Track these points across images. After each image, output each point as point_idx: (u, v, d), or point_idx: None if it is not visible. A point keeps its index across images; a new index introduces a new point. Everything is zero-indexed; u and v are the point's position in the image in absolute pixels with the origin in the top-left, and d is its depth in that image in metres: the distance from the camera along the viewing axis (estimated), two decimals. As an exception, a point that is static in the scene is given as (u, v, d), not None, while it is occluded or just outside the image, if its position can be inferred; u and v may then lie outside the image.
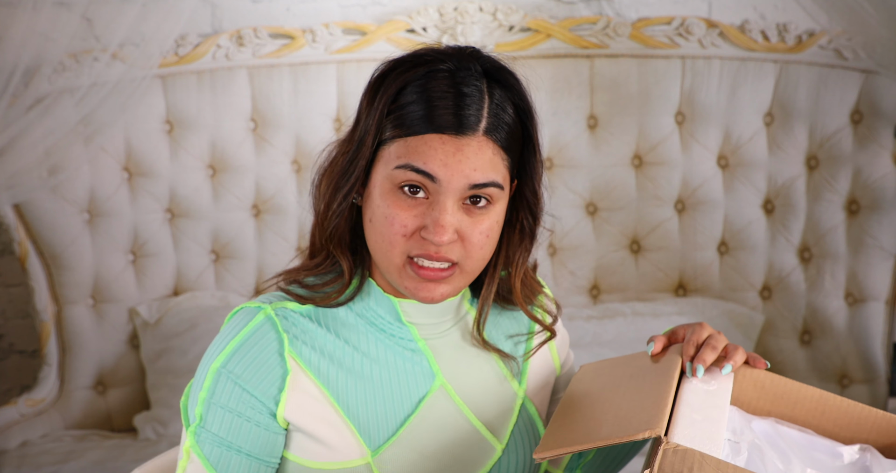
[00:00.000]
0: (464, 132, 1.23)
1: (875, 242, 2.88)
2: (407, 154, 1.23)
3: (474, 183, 1.23)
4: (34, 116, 2.73)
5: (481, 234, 1.26)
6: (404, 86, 1.25)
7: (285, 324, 1.28)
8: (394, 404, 1.30)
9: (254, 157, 3.04)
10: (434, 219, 1.23)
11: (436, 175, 1.22)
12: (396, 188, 1.24)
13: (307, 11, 3.05)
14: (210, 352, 1.29)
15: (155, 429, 2.83)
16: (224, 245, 3.07)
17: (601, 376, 1.40)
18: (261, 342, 1.27)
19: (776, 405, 1.38)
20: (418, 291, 1.26)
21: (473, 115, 1.24)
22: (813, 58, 2.89)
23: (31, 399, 2.88)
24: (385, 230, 1.25)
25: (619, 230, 3.07)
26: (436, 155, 1.22)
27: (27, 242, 2.91)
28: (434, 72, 1.26)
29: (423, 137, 1.23)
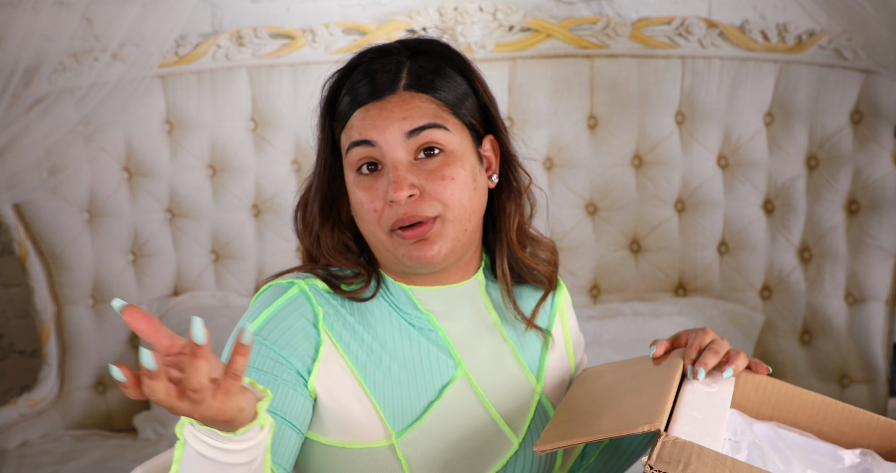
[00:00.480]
0: (382, 95, 1.29)
1: (875, 242, 2.88)
2: (347, 138, 1.30)
3: (409, 130, 1.27)
4: (34, 116, 2.73)
5: (443, 179, 1.28)
6: (336, 91, 1.33)
7: (319, 299, 1.31)
8: (418, 389, 1.32)
9: (254, 157, 3.04)
10: (389, 180, 1.27)
11: (370, 138, 1.27)
12: (356, 173, 1.29)
13: (307, 11, 3.05)
14: (242, 322, 1.30)
15: (155, 429, 2.83)
16: (224, 245, 3.07)
17: (603, 377, 1.41)
18: (296, 312, 1.29)
19: (778, 410, 1.39)
20: (413, 254, 1.28)
21: (389, 79, 1.29)
22: (813, 58, 2.89)
23: (31, 399, 2.88)
24: (363, 215, 1.29)
25: (619, 230, 3.07)
26: (363, 124, 1.28)
27: (27, 242, 2.91)
28: (356, 66, 1.33)
29: (351, 118, 1.29)
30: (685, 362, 1.32)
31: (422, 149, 1.28)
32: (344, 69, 1.34)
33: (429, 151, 1.28)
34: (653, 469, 1.08)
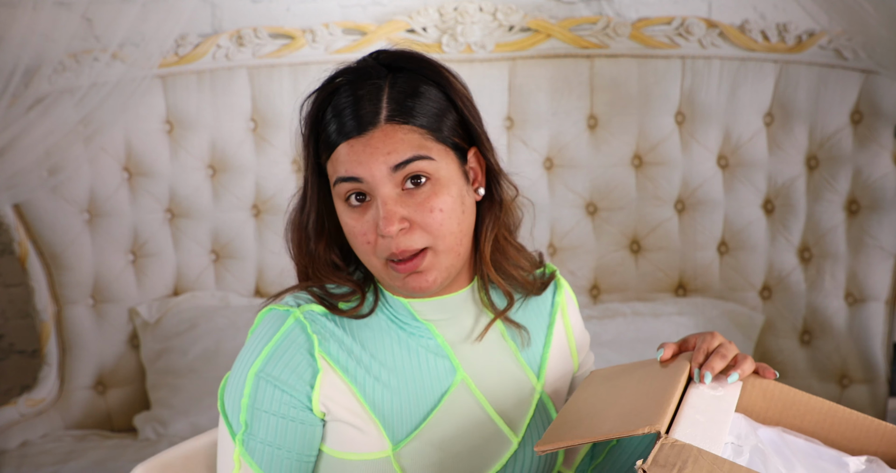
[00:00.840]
0: (364, 129, 1.28)
1: (875, 242, 2.88)
2: (334, 171, 1.29)
3: (394, 164, 1.27)
4: (34, 116, 2.73)
5: (432, 211, 1.28)
6: (318, 112, 1.32)
7: (314, 326, 1.32)
8: (417, 400, 1.34)
9: (254, 157, 3.04)
10: (379, 216, 1.27)
11: (357, 175, 1.27)
12: (344, 203, 1.30)
13: (307, 11, 3.05)
14: (245, 357, 1.33)
15: (155, 429, 2.83)
16: (224, 245, 3.07)
17: (609, 380, 1.41)
18: (294, 344, 1.31)
19: (784, 415, 1.38)
20: (408, 284, 1.30)
21: (370, 111, 1.28)
22: (813, 58, 2.89)
23: (31, 399, 2.88)
24: (358, 245, 1.31)
25: (619, 230, 3.07)
26: (349, 159, 1.27)
27: (27, 242, 2.91)
28: (337, 89, 1.31)
29: (336, 151, 1.29)
30: (692, 365, 1.32)
31: (408, 178, 1.28)
32: (323, 90, 1.33)
33: (415, 179, 1.28)
34: (646, 471, 1.08)
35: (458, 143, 1.33)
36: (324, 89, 1.33)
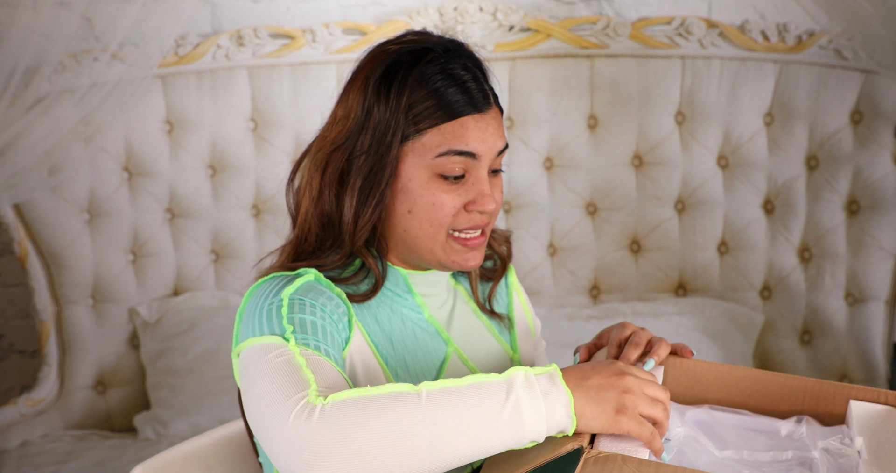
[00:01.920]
0: (484, 108, 1.32)
1: (875, 242, 2.88)
2: (446, 141, 1.30)
3: (500, 148, 1.34)
4: (34, 116, 2.73)
5: (501, 194, 1.38)
6: (420, 78, 1.31)
7: (332, 285, 1.35)
8: (419, 371, 1.39)
9: (254, 157, 3.04)
10: (479, 192, 1.33)
11: (477, 152, 1.32)
12: (438, 176, 1.32)
13: (307, 11, 3.05)
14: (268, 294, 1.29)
15: (155, 429, 2.83)
16: (224, 245, 3.07)
17: None
18: (320, 288, 1.32)
19: (710, 391, 1.40)
20: (467, 261, 1.36)
21: (481, 91, 1.33)
22: (813, 58, 2.89)
23: (31, 399, 2.88)
24: (434, 216, 1.33)
25: (619, 230, 3.07)
26: (472, 134, 1.31)
27: (27, 242, 2.91)
28: (432, 61, 1.32)
29: (457, 122, 1.31)
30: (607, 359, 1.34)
31: (493, 167, 1.36)
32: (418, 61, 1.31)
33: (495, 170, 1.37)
34: None
35: None
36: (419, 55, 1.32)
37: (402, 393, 1.12)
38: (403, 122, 1.30)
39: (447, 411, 1.10)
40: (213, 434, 1.56)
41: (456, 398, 1.11)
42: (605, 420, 1.15)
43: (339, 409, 1.09)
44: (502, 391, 1.13)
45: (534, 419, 1.12)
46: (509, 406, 1.12)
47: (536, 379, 1.14)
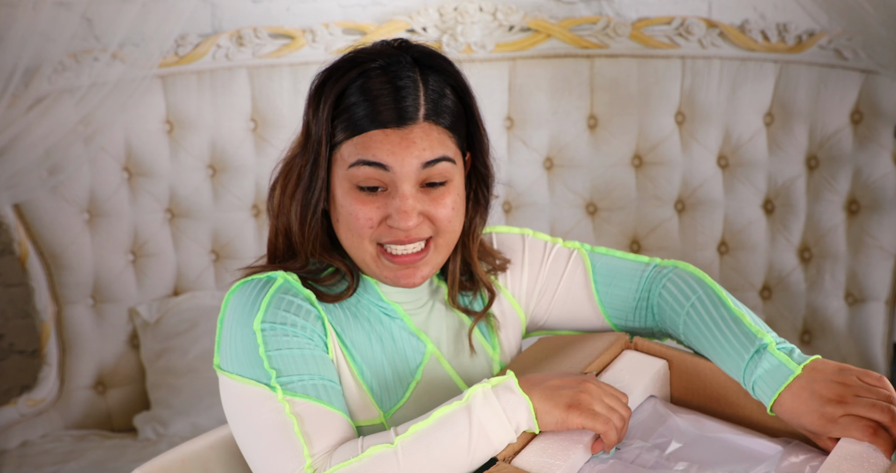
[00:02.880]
0: (405, 123, 1.30)
1: (875, 242, 2.88)
2: (357, 152, 1.30)
3: (425, 161, 1.30)
4: (34, 116, 2.73)
5: (446, 209, 1.34)
6: (343, 90, 1.32)
7: (304, 286, 1.36)
8: (397, 371, 1.39)
9: (254, 157, 3.04)
10: (396, 207, 1.30)
11: (386, 163, 1.29)
12: (355, 187, 1.31)
13: (307, 11, 3.05)
14: (241, 315, 1.31)
15: (155, 429, 2.83)
16: (224, 245, 3.07)
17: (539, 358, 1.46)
18: (289, 295, 1.33)
19: (720, 393, 1.40)
20: (399, 279, 1.35)
21: (411, 105, 1.30)
22: (813, 58, 2.89)
23: (31, 399, 2.88)
24: (353, 226, 1.32)
25: (619, 230, 3.07)
26: (382, 147, 1.29)
27: (27, 242, 2.91)
28: (368, 71, 1.32)
29: (368, 134, 1.30)
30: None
31: (428, 179, 1.32)
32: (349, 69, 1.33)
33: (432, 183, 1.33)
34: None
35: (464, 147, 1.38)
36: (349, 68, 1.33)
37: (381, 454, 1.19)
38: (329, 131, 1.32)
39: (423, 458, 1.19)
40: (210, 436, 1.55)
41: (427, 442, 1.20)
42: (558, 415, 1.21)
43: None
44: (465, 417, 1.20)
45: (499, 432, 1.21)
46: (475, 431, 1.20)
47: (494, 393, 1.22)
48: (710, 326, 1.38)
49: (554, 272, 1.54)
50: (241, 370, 1.29)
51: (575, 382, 1.23)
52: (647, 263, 1.55)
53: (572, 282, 1.53)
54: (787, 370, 1.28)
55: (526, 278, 1.54)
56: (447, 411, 1.21)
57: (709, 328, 1.38)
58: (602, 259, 1.55)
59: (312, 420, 1.24)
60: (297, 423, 1.23)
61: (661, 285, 1.50)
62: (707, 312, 1.40)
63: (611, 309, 1.52)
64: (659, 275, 1.52)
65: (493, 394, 1.20)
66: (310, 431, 1.23)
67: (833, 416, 1.23)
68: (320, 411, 1.24)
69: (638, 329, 1.53)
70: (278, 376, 1.26)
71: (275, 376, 1.26)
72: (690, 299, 1.44)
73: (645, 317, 1.51)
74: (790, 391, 1.26)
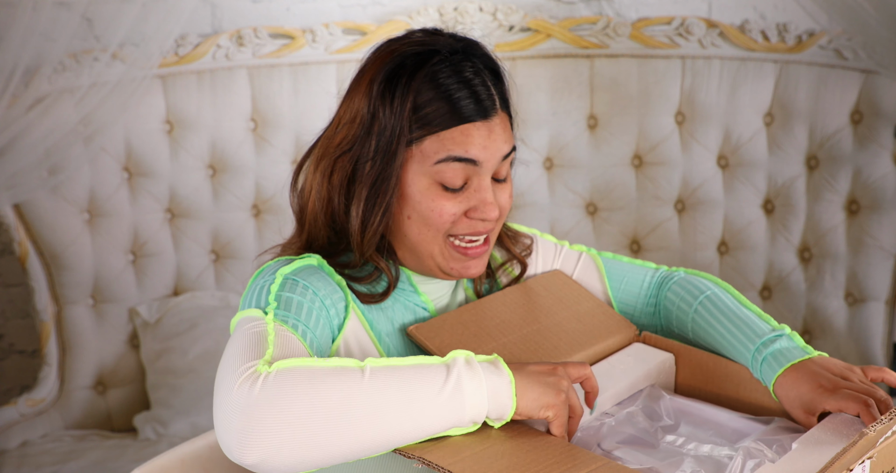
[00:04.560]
0: (488, 114, 1.31)
1: (875, 242, 2.88)
2: (445, 148, 1.29)
3: (506, 153, 1.34)
4: (34, 116, 2.73)
5: (508, 200, 1.37)
6: (420, 87, 1.30)
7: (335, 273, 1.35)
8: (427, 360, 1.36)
9: (254, 157, 3.04)
10: (481, 199, 1.32)
11: (479, 159, 1.30)
12: (437, 183, 1.31)
13: (307, 11, 3.05)
14: (267, 271, 1.31)
15: (155, 429, 2.83)
16: (224, 245, 3.07)
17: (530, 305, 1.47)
18: (321, 273, 1.32)
19: (722, 387, 1.42)
20: (467, 269, 1.36)
21: (487, 98, 1.31)
22: (813, 58, 2.89)
23: (31, 399, 2.88)
24: (433, 221, 1.32)
25: (619, 230, 3.07)
26: (474, 141, 1.29)
27: (27, 242, 2.91)
28: (438, 63, 1.30)
29: (457, 129, 1.29)
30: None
31: (498, 174, 1.35)
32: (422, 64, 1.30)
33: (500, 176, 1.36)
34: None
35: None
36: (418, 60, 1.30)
37: (346, 368, 1.12)
38: (407, 128, 1.29)
39: (388, 385, 1.11)
40: (210, 436, 1.55)
41: (398, 375, 1.12)
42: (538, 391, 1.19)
43: (282, 378, 1.08)
44: (443, 370, 1.15)
45: (475, 396, 1.14)
46: (451, 384, 1.13)
47: (479, 363, 1.18)
48: (723, 316, 1.41)
49: (564, 269, 1.57)
50: (245, 306, 1.27)
51: (551, 368, 1.22)
52: (654, 268, 1.58)
53: (582, 277, 1.56)
54: (801, 352, 1.32)
55: (539, 272, 1.56)
56: (427, 361, 1.16)
57: (722, 318, 1.41)
58: (611, 262, 1.58)
59: (288, 343, 1.19)
60: (274, 336, 1.18)
61: (669, 287, 1.52)
62: (721, 303, 1.44)
63: (623, 307, 1.55)
64: (668, 279, 1.55)
65: (476, 363, 1.17)
66: (282, 346, 1.18)
67: (833, 385, 1.27)
68: (300, 346, 1.20)
69: (646, 329, 1.55)
70: (277, 308, 1.24)
71: (274, 306, 1.24)
72: (704, 293, 1.47)
73: (652, 319, 1.53)
74: (796, 368, 1.30)
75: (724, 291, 1.48)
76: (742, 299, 1.45)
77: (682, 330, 1.49)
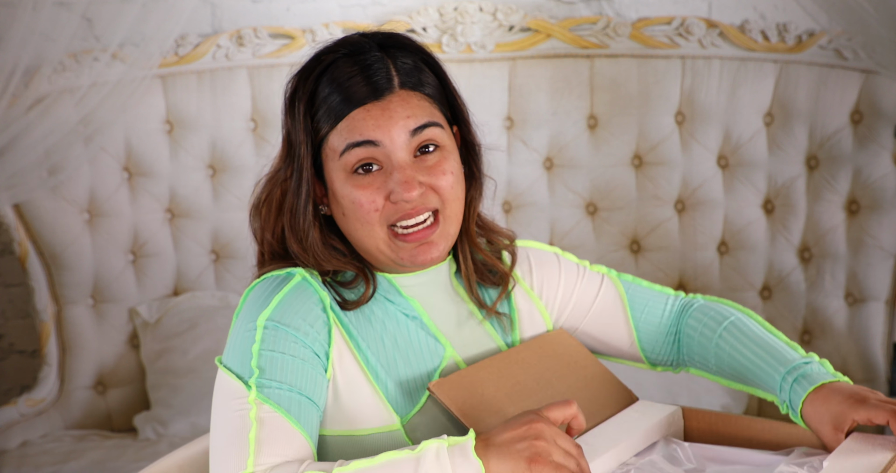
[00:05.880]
0: (381, 94, 1.29)
1: (875, 242, 2.88)
2: (344, 138, 1.29)
3: (413, 128, 1.29)
4: (34, 116, 2.73)
5: (445, 174, 1.33)
6: (315, 87, 1.31)
7: (321, 286, 1.34)
8: (414, 374, 1.36)
9: (254, 157, 3.04)
10: (396, 180, 1.29)
11: (374, 138, 1.29)
12: (350, 173, 1.30)
13: (307, 11, 3.05)
14: (250, 312, 1.31)
15: (155, 429, 2.83)
16: (224, 245, 3.07)
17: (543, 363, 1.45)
18: (304, 296, 1.32)
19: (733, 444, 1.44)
20: (417, 256, 1.33)
21: (383, 78, 1.30)
22: (813, 58, 2.89)
23: (31, 399, 2.88)
24: (359, 215, 1.31)
25: (619, 230, 3.06)
26: (366, 124, 1.28)
27: (27, 242, 2.91)
28: (334, 62, 1.31)
29: (349, 117, 1.29)
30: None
31: (421, 146, 1.31)
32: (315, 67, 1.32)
33: (425, 148, 1.31)
34: None
35: (448, 117, 1.37)
36: (315, 65, 1.33)
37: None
38: (311, 133, 1.31)
39: None
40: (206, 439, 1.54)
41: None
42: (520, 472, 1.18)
43: None
44: (412, 464, 1.17)
45: None
46: None
47: (448, 453, 1.17)
48: (749, 342, 1.43)
49: (587, 292, 1.54)
50: (230, 364, 1.29)
51: (525, 429, 1.19)
52: (674, 295, 1.58)
53: (605, 303, 1.54)
54: (831, 376, 1.35)
55: (561, 292, 1.54)
56: (396, 456, 1.18)
57: (749, 343, 1.43)
58: (632, 287, 1.57)
59: (271, 431, 1.22)
60: (256, 428, 1.21)
61: (690, 314, 1.53)
62: (747, 328, 1.45)
63: (643, 335, 1.54)
64: (688, 305, 1.56)
65: (446, 454, 1.17)
66: (263, 440, 1.21)
67: (862, 397, 1.30)
68: (283, 424, 1.23)
69: (662, 359, 1.55)
70: (259, 376, 1.25)
71: (256, 375, 1.25)
72: (728, 319, 1.48)
73: (671, 347, 1.54)
74: (826, 387, 1.32)
75: (749, 317, 1.49)
76: (767, 325, 1.47)
77: (703, 357, 1.49)
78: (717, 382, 1.51)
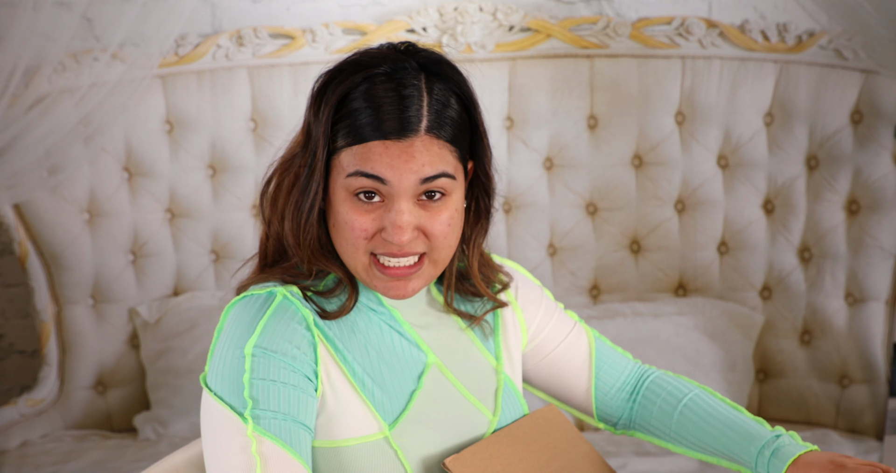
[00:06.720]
0: (406, 135, 1.27)
1: (875, 242, 2.88)
2: (356, 162, 1.27)
3: (424, 177, 1.27)
4: (34, 116, 2.73)
5: (442, 225, 1.31)
6: (346, 94, 1.29)
7: (303, 302, 1.33)
8: (399, 381, 1.36)
9: (254, 157, 3.04)
10: (391, 221, 1.28)
11: (385, 177, 1.27)
12: (352, 195, 1.29)
13: (307, 11, 3.05)
14: (234, 338, 1.30)
15: (155, 429, 2.83)
16: (224, 245, 3.07)
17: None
18: (287, 317, 1.31)
19: None
20: (389, 290, 1.32)
21: (414, 116, 1.27)
22: (813, 58, 2.89)
23: (31, 399, 2.88)
24: (347, 235, 1.30)
25: (619, 230, 3.07)
26: (381, 159, 1.26)
27: (27, 242, 2.91)
28: (372, 77, 1.29)
29: (367, 145, 1.27)
30: None
31: (426, 192, 1.30)
32: (354, 72, 1.30)
33: (430, 193, 1.30)
34: None
35: (466, 158, 1.35)
36: (354, 71, 1.30)
37: None
38: (329, 133, 1.30)
39: None
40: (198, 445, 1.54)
41: None
42: None
43: None
44: None
45: None
46: None
47: None
48: (713, 420, 1.44)
49: (557, 332, 1.54)
50: (221, 392, 1.28)
51: None
52: (632, 359, 1.58)
53: (572, 348, 1.54)
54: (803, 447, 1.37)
55: (538, 320, 1.53)
56: None
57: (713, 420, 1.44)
58: (599, 342, 1.57)
59: (275, 465, 1.23)
60: (261, 465, 1.22)
61: (647, 384, 1.54)
62: (708, 406, 1.46)
63: (600, 391, 1.55)
64: (646, 373, 1.56)
65: None
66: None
67: (842, 461, 1.33)
68: (284, 457, 1.23)
69: (611, 418, 1.56)
70: (254, 407, 1.25)
71: (251, 406, 1.25)
72: (686, 395, 1.49)
73: (625, 409, 1.55)
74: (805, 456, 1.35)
75: (707, 393, 1.49)
76: (728, 401, 1.48)
77: (662, 426, 1.50)
78: (671, 449, 1.52)
